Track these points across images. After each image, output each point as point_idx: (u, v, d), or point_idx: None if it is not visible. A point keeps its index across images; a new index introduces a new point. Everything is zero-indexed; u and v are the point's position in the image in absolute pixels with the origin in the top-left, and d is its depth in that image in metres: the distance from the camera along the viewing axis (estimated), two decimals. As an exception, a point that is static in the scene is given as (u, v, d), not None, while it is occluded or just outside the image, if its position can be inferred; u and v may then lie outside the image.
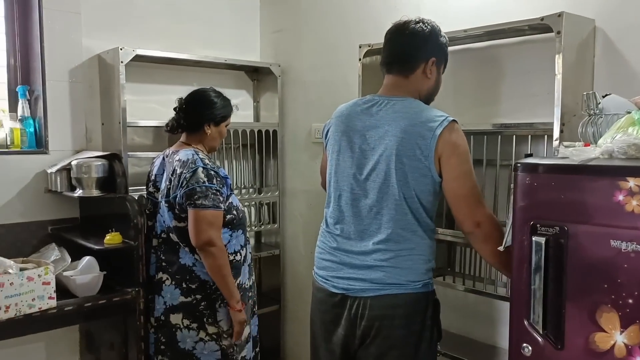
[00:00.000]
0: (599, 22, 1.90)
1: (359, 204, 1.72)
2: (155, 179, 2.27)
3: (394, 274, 1.68)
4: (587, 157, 1.33)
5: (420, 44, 1.73)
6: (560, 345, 1.36)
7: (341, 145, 1.75)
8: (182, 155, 2.13)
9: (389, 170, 1.65)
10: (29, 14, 2.58)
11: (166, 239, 2.19)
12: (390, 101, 1.71)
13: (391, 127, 1.66)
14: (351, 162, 1.73)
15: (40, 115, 2.59)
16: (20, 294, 1.91)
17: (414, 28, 1.73)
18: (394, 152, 1.63)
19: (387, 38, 1.80)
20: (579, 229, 1.32)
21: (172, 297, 2.15)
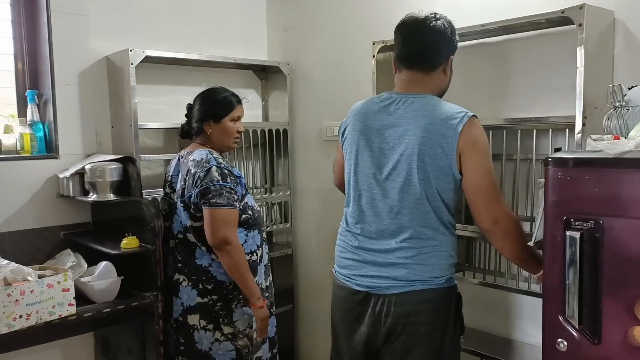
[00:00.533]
0: (618, 14, 1.89)
1: (380, 204, 1.71)
2: (171, 180, 2.27)
3: (418, 270, 1.68)
4: (622, 150, 1.32)
5: (443, 42, 1.73)
6: (597, 340, 1.35)
7: (359, 144, 1.74)
8: (196, 155, 2.13)
9: (410, 169, 1.64)
10: (36, 18, 2.54)
11: (183, 239, 2.18)
12: (409, 99, 1.70)
13: (411, 126, 1.65)
14: (371, 162, 1.72)
15: (49, 119, 2.56)
16: (40, 302, 1.89)
17: (437, 25, 1.71)
18: (416, 152, 1.63)
19: (406, 32, 1.75)
20: (614, 222, 1.31)
21: (189, 298, 2.15)
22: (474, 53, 2.32)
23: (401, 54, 1.75)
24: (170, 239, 2.24)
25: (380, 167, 1.70)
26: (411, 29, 1.73)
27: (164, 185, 2.35)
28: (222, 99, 2.22)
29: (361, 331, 1.76)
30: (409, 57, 1.73)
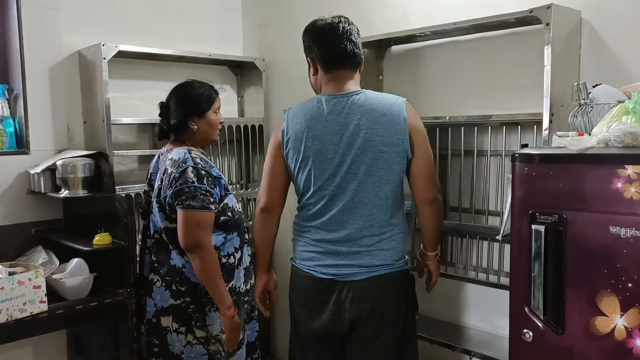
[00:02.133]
0: (584, 13, 1.94)
1: (340, 197, 1.77)
2: (151, 178, 2.18)
3: (381, 256, 1.78)
4: (585, 146, 1.36)
5: (360, 42, 1.84)
6: (561, 330, 1.40)
7: (314, 149, 1.77)
8: (174, 154, 2.04)
9: (370, 160, 1.72)
10: (5, 11, 2.50)
11: (159, 239, 2.11)
12: (350, 96, 1.77)
13: (362, 121, 1.72)
14: (329, 161, 1.75)
15: (20, 114, 2.52)
16: (11, 299, 1.86)
17: (353, 28, 1.82)
18: (374, 143, 1.71)
19: (327, 36, 1.80)
20: (578, 216, 1.35)
21: (162, 299, 2.07)
22: (447, 51, 2.35)
23: (329, 55, 1.80)
24: (147, 238, 2.17)
25: (340, 164, 1.74)
26: (330, 31, 1.80)
27: (145, 183, 2.25)
28: (202, 92, 2.12)
29: (323, 319, 1.81)
30: (342, 57, 1.79)
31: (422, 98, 2.46)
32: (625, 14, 1.87)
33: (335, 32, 1.79)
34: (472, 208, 2.24)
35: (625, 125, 1.36)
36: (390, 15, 2.52)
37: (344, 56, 1.79)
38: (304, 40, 1.87)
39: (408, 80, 2.50)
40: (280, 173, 1.85)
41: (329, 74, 1.81)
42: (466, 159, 2.27)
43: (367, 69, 2.52)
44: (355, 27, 1.83)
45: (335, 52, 1.78)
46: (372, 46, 2.53)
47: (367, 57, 2.52)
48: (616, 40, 1.89)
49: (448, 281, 2.39)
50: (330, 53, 1.79)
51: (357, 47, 1.81)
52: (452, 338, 2.27)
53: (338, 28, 1.79)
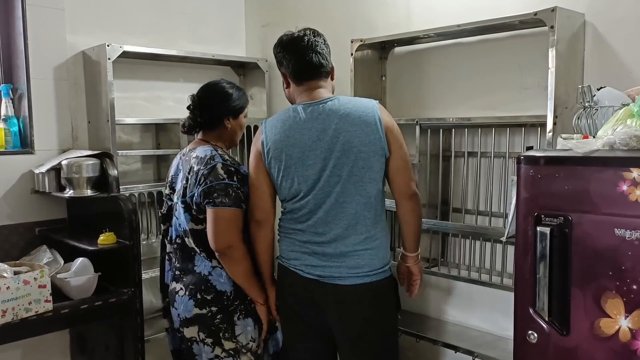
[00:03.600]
0: (588, 16, 1.95)
1: (324, 200, 1.79)
2: (172, 180, 2.06)
3: (367, 256, 1.80)
4: (590, 149, 1.37)
5: (327, 52, 1.89)
6: (565, 331, 1.41)
7: (295, 156, 1.80)
8: (199, 151, 1.94)
9: (352, 161, 1.76)
10: (10, 11, 2.50)
11: (181, 244, 1.97)
12: (325, 103, 1.82)
13: (339, 125, 1.77)
14: (311, 167, 1.79)
15: (24, 114, 2.52)
16: (16, 298, 1.87)
17: (318, 39, 1.87)
18: (353, 144, 1.76)
19: (293, 49, 1.86)
20: (583, 218, 1.36)
21: (186, 309, 1.93)
22: (450, 53, 2.36)
23: (298, 68, 1.86)
24: (167, 244, 2.05)
25: (323, 168, 1.78)
26: (300, 44, 1.85)
27: (165, 187, 2.14)
28: (240, 94, 2.10)
29: (310, 315, 1.85)
30: (310, 69, 1.85)
31: (425, 99, 2.47)
32: (629, 16, 1.88)
33: (300, 45, 1.84)
34: (475, 209, 2.25)
35: (631, 128, 1.37)
36: (394, 17, 2.53)
37: (311, 68, 1.85)
38: (275, 56, 1.92)
39: (411, 81, 2.51)
40: (265, 183, 1.85)
41: (300, 85, 1.87)
42: (470, 160, 2.28)
43: (370, 70, 2.55)
44: (322, 38, 1.88)
45: (303, 65, 1.85)
46: (376, 48, 2.54)
47: (370, 58, 2.55)
48: (620, 43, 1.90)
49: (451, 282, 2.40)
50: (297, 66, 1.85)
51: (323, 57, 1.86)
52: (455, 339, 2.27)
53: (303, 40, 1.84)
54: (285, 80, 1.91)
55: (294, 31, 1.88)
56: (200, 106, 2.03)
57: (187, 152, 2.03)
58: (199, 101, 2.04)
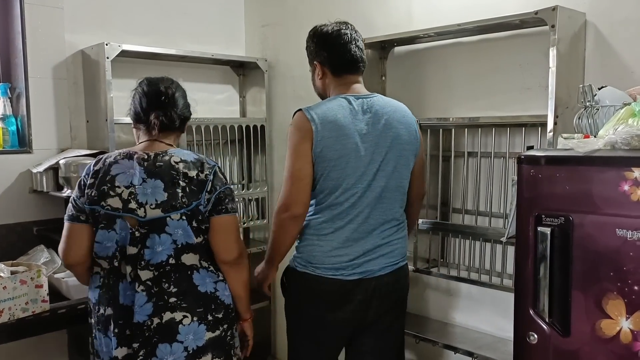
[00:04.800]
0: (589, 15, 1.94)
1: (367, 194, 1.81)
2: (136, 192, 1.67)
3: (397, 245, 1.89)
4: (591, 149, 1.36)
5: (363, 46, 1.92)
6: (566, 332, 1.40)
7: (348, 147, 1.77)
8: (180, 154, 1.73)
9: (397, 157, 1.83)
10: (9, 10, 2.50)
11: (175, 265, 1.69)
12: (371, 98, 1.85)
13: (388, 121, 1.82)
14: (362, 159, 1.78)
15: (22, 113, 2.51)
16: (13, 298, 1.86)
17: (358, 35, 1.90)
18: (400, 141, 1.83)
19: (336, 42, 1.87)
20: (584, 219, 1.35)
21: (197, 338, 1.70)
22: (451, 52, 2.35)
23: (340, 61, 1.87)
24: (143, 270, 1.67)
25: (371, 161, 1.79)
26: (344, 37, 1.86)
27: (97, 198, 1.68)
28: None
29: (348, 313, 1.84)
30: (352, 63, 1.88)
31: (425, 99, 2.45)
32: (630, 16, 1.87)
33: (344, 38, 1.85)
34: (475, 210, 2.24)
35: (632, 127, 1.36)
36: (394, 17, 2.52)
37: (353, 62, 1.86)
38: (309, 45, 1.92)
39: (411, 81, 2.50)
40: (309, 175, 1.78)
41: (339, 78, 1.88)
42: (470, 160, 2.27)
43: (370, 70, 2.53)
44: (359, 34, 1.91)
45: (347, 59, 1.86)
46: (376, 47, 2.53)
47: (370, 58, 2.53)
48: (621, 43, 1.89)
49: (451, 283, 2.38)
50: (340, 59, 1.86)
51: (363, 52, 1.89)
52: (455, 340, 2.26)
53: (346, 34, 1.86)
54: (321, 71, 1.90)
55: (331, 24, 1.89)
56: (170, 103, 1.79)
57: (150, 158, 1.71)
58: (171, 97, 1.79)
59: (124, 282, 1.68)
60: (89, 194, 1.69)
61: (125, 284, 1.68)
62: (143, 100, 1.79)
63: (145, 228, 1.66)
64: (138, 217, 1.66)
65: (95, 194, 1.68)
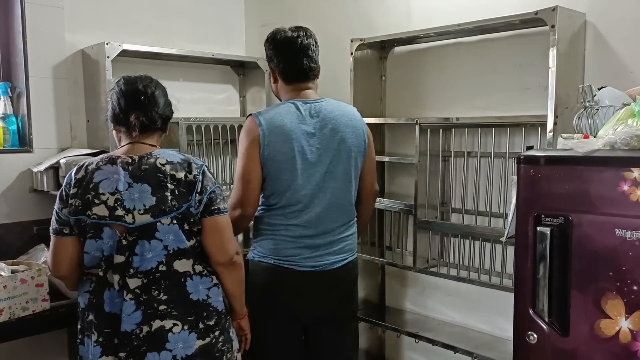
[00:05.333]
0: (589, 16, 1.95)
1: (319, 195, 1.87)
2: (122, 198, 1.60)
3: (349, 241, 1.97)
4: (591, 149, 1.37)
5: (317, 53, 1.96)
6: (565, 332, 1.40)
7: (295, 150, 1.83)
8: (166, 156, 1.67)
9: (345, 160, 1.89)
10: (9, 9, 2.50)
11: (165, 272, 1.63)
12: (319, 103, 1.90)
13: (335, 125, 1.88)
14: (309, 161, 1.85)
15: (23, 112, 2.51)
16: (13, 297, 1.86)
17: (311, 41, 1.93)
18: (347, 144, 1.89)
19: (286, 50, 1.90)
20: (583, 218, 1.35)
21: (186, 346, 1.63)
22: (450, 52, 2.36)
23: (288, 70, 1.92)
24: (132, 277, 1.60)
25: (319, 163, 1.85)
26: (294, 45, 1.89)
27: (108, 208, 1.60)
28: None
29: (302, 305, 1.90)
30: (301, 73, 1.91)
31: (425, 99, 2.46)
32: (629, 16, 1.87)
33: (294, 47, 1.89)
34: (475, 210, 2.24)
35: (632, 128, 1.36)
36: (394, 17, 2.52)
37: (301, 72, 1.91)
38: (265, 49, 1.96)
39: (411, 81, 2.50)
40: (258, 177, 1.85)
41: (289, 85, 1.93)
42: (469, 160, 2.27)
43: (370, 70, 2.55)
44: (314, 39, 1.93)
45: (293, 68, 1.91)
46: (375, 47, 2.54)
47: (370, 58, 2.54)
48: (621, 43, 1.90)
49: (450, 282, 2.39)
50: (288, 69, 1.91)
51: (313, 61, 1.92)
52: (454, 340, 2.26)
53: (296, 43, 1.89)
54: (274, 76, 1.96)
55: (287, 29, 1.91)
56: (150, 102, 1.70)
57: (134, 161, 1.65)
58: (151, 96, 1.71)
59: (111, 290, 1.62)
60: (72, 204, 1.64)
61: (112, 292, 1.62)
62: (121, 101, 1.71)
63: (134, 235, 1.60)
64: (126, 224, 1.59)
65: (79, 204, 1.62)
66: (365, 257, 2.54)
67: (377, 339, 2.75)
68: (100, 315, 1.64)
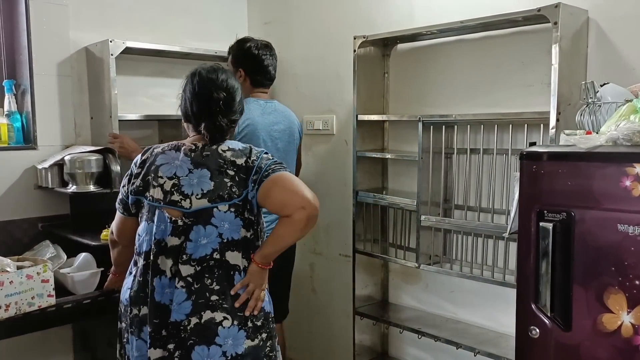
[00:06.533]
0: (592, 12, 1.95)
1: None
2: (180, 184, 1.60)
3: None
4: (593, 145, 1.37)
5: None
6: (567, 327, 1.41)
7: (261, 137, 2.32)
8: (229, 144, 1.66)
9: (293, 148, 2.49)
10: (14, 7, 2.51)
11: (218, 262, 1.59)
12: (272, 103, 2.48)
13: (285, 120, 2.45)
14: (271, 147, 2.33)
15: (27, 110, 2.53)
16: (19, 293, 1.87)
17: (275, 54, 2.50)
18: (294, 137, 2.48)
19: (259, 61, 2.43)
20: (586, 214, 1.36)
21: (236, 343, 1.57)
22: (453, 50, 2.36)
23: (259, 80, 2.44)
24: (185, 264, 1.58)
25: (275, 150, 2.33)
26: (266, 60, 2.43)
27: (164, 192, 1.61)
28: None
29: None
30: (269, 83, 2.49)
31: (428, 96, 2.47)
32: (632, 13, 1.87)
33: (266, 64, 2.42)
34: (478, 207, 2.25)
35: (634, 124, 1.37)
36: (396, 14, 2.53)
37: (269, 81, 2.48)
38: (237, 54, 2.44)
39: (414, 78, 2.51)
40: None
41: (254, 87, 2.43)
42: (472, 157, 2.28)
43: (372, 67, 2.56)
44: (275, 54, 2.49)
45: (265, 79, 2.45)
46: (378, 44, 2.54)
47: (372, 55, 2.55)
48: (623, 40, 1.90)
49: (453, 279, 2.40)
50: (261, 78, 2.43)
51: (275, 70, 2.49)
52: (457, 336, 2.27)
53: (268, 58, 2.43)
54: (243, 78, 2.40)
55: (258, 43, 2.43)
56: (226, 111, 1.66)
57: (198, 149, 1.65)
58: (225, 104, 1.66)
59: (162, 278, 1.60)
60: (134, 182, 1.68)
61: (163, 280, 1.59)
62: (194, 104, 1.67)
63: (190, 219, 1.58)
64: (183, 209, 1.58)
65: (140, 184, 1.66)
66: (369, 254, 2.55)
67: (381, 336, 2.76)
68: (149, 306, 1.61)
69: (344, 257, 2.83)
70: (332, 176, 2.88)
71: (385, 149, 2.65)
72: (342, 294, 2.85)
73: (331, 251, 2.95)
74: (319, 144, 2.95)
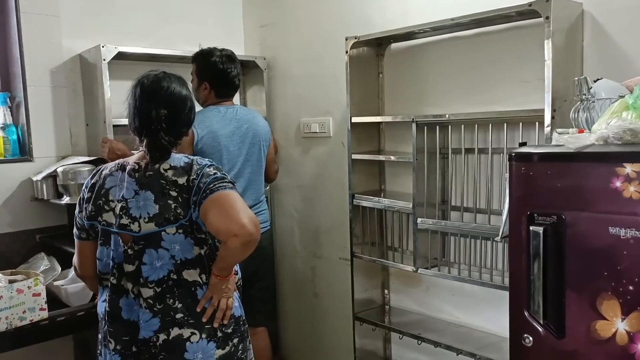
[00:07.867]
0: (586, 5, 1.89)
1: (239, 180, 2.38)
2: (128, 206, 1.56)
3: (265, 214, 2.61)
4: (583, 144, 1.32)
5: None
6: (561, 334, 1.35)
7: (222, 143, 2.35)
8: (171, 160, 1.58)
9: (258, 151, 2.48)
10: (5, 19, 2.51)
11: (176, 281, 1.57)
12: (235, 109, 2.48)
13: (250, 125, 2.46)
14: (232, 152, 2.38)
15: (22, 122, 2.53)
16: (10, 307, 1.86)
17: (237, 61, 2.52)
18: (258, 139, 2.48)
19: (224, 74, 2.45)
20: (577, 216, 1.31)
21: (206, 356, 1.58)
22: (446, 47, 2.31)
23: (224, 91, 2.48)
24: (143, 287, 1.56)
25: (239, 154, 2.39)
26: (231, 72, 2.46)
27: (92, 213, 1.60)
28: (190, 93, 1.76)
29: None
30: (231, 91, 2.52)
31: (422, 96, 2.42)
32: (628, 5, 1.81)
33: (232, 73, 2.45)
34: (475, 207, 2.19)
35: (625, 121, 1.31)
36: (390, 13, 2.48)
37: (233, 91, 2.53)
38: (201, 65, 2.45)
39: (408, 77, 2.46)
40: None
41: (218, 97, 2.46)
42: (468, 157, 2.22)
43: (367, 67, 2.51)
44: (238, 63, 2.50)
45: (229, 90, 2.49)
46: (372, 44, 2.50)
47: (367, 55, 2.51)
48: (620, 33, 1.83)
49: (453, 282, 2.34)
50: (226, 89, 2.47)
51: (240, 79, 2.52)
52: (458, 341, 2.22)
53: (232, 71, 2.45)
54: (208, 90, 2.44)
55: (223, 57, 2.44)
56: (167, 129, 1.58)
57: (140, 168, 1.59)
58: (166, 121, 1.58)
59: (128, 297, 1.59)
60: (86, 208, 1.62)
61: (129, 299, 1.59)
62: (136, 119, 1.61)
63: (141, 244, 1.56)
64: (132, 233, 1.55)
65: (92, 209, 1.61)
66: (366, 258, 2.50)
67: (383, 340, 2.72)
68: (118, 323, 1.60)
69: (344, 260, 2.79)
70: (330, 179, 2.85)
71: (382, 151, 2.60)
72: (343, 298, 2.81)
73: (331, 255, 2.92)
74: (316, 146, 2.91)
